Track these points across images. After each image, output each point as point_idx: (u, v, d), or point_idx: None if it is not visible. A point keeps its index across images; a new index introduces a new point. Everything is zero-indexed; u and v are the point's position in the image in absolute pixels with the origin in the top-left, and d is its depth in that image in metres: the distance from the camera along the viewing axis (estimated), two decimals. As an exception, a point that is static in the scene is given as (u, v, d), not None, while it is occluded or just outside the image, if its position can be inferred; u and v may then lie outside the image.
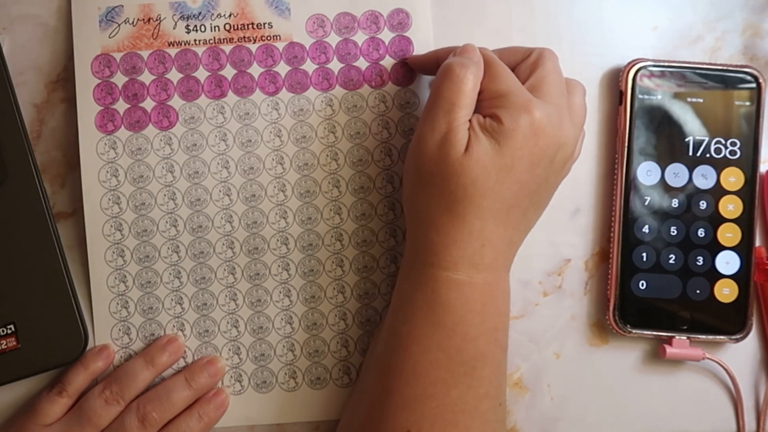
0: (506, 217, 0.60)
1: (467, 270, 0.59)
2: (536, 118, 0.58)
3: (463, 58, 0.61)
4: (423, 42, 0.71)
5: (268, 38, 0.71)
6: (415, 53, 0.71)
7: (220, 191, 0.71)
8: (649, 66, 0.69)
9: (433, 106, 0.60)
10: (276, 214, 0.71)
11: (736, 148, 0.68)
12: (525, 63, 0.64)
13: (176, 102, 0.71)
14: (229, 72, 0.71)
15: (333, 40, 0.71)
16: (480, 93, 0.61)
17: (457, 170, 0.58)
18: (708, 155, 0.68)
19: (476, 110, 0.60)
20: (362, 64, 0.71)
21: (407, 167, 0.63)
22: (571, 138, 0.61)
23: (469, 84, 0.60)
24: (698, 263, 0.68)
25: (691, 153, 0.68)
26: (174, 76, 0.71)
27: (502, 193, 0.58)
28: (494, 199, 0.58)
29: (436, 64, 0.66)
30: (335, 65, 0.71)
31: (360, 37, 0.71)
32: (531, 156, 0.58)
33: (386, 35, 0.71)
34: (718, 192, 0.68)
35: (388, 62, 0.71)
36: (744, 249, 0.69)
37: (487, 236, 0.59)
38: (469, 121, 0.60)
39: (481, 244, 0.59)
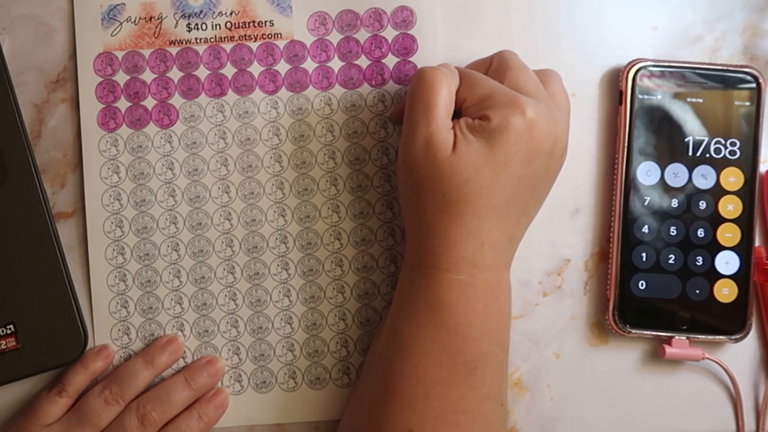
0: (506, 213, 0.59)
1: (468, 270, 0.59)
2: (527, 112, 0.58)
3: (427, 67, 0.61)
4: (428, 40, 0.71)
5: (269, 36, 0.71)
6: (419, 51, 0.71)
7: (218, 188, 0.71)
8: (649, 66, 0.69)
9: (411, 111, 0.61)
10: (274, 211, 0.71)
11: (735, 148, 0.68)
12: (490, 72, 0.64)
13: (177, 100, 0.71)
14: (229, 71, 0.71)
15: (335, 38, 0.71)
16: (464, 102, 0.61)
17: (447, 171, 0.58)
18: (708, 155, 0.68)
19: (464, 117, 0.60)
20: (363, 62, 0.71)
21: (399, 174, 0.63)
22: (564, 126, 0.61)
23: (442, 84, 0.60)
24: (698, 263, 0.68)
25: (690, 153, 0.68)
26: (175, 74, 0.71)
27: (499, 189, 0.58)
28: (491, 196, 0.58)
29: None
30: (336, 63, 0.71)
31: (362, 35, 0.71)
32: (527, 149, 0.58)
33: (389, 33, 0.71)
34: (717, 192, 0.68)
35: (390, 60, 0.71)
36: (744, 249, 0.69)
37: (487, 234, 0.59)
38: (457, 123, 0.59)
39: (481, 242, 0.59)
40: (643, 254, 0.68)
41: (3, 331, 0.68)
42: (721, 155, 0.68)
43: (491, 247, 0.59)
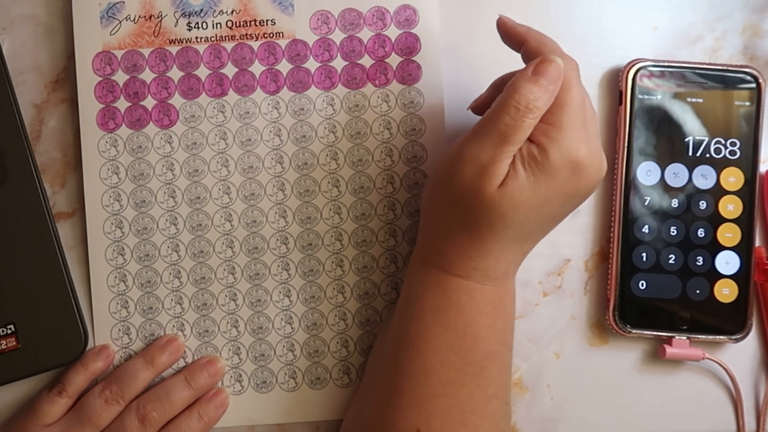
0: (527, 239, 0.60)
1: (479, 278, 0.59)
2: (582, 158, 0.56)
3: (538, 88, 0.56)
4: (430, 39, 0.71)
5: (271, 35, 0.71)
6: (422, 51, 0.71)
7: (219, 189, 0.71)
8: (649, 66, 0.69)
9: (485, 133, 0.57)
10: (275, 213, 0.71)
11: (735, 148, 0.68)
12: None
13: (177, 100, 0.71)
14: (230, 70, 0.71)
15: (337, 37, 0.71)
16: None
17: (487, 203, 0.56)
18: (708, 155, 0.68)
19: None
20: (367, 61, 0.71)
21: (435, 174, 0.61)
22: (605, 167, 0.59)
23: (531, 122, 0.56)
24: (698, 263, 0.68)
25: (690, 153, 0.68)
26: (175, 74, 0.71)
27: (529, 225, 0.58)
28: (519, 229, 0.58)
29: (520, 40, 0.62)
30: (339, 63, 0.71)
31: (365, 34, 0.71)
32: (567, 193, 0.57)
33: (392, 32, 0.71)
34: (717, 192, 0.68)
35: (393, 60, 0.71)
36: (744, 249, 0.69)
37: (504, 255, 0.59)
38: (518, 154, 0.57)
39: (497, 260, 0.59)
40: (644, 254, 0.69)
41: (3, 331, 0.68)
42: (721, 155, 0.68)
43: (505, 262, 0.60)
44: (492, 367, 0.60)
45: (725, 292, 0.68)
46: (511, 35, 0.63)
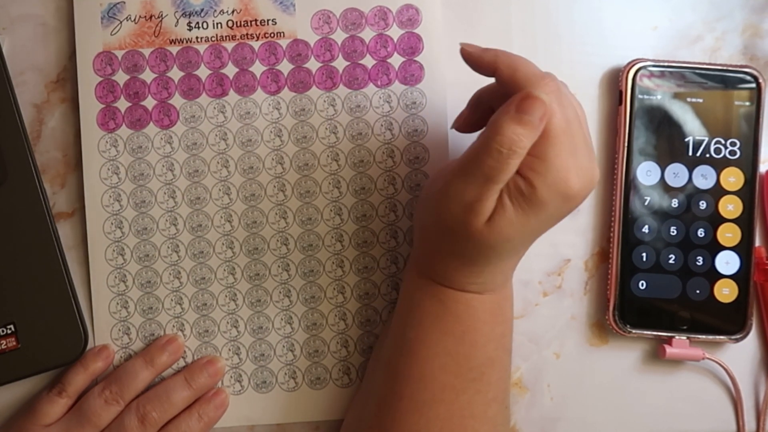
0: (518, 255, 0.60)
1: (477, 289, 0.59)
2: (571, 186, 0.54)
3: (522, 127, 0.52)
4: (433, 39, 0.71)
5: (272, 35, 0.71)
6: (425, 51, 0.71)
7: (219, 190, 0.71)
8: (649, 66, 0.69)
9: (469, 172, 0.54)
10: (276, 214, 0.71)
11: (735, 148, 0.68)
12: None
13: (177, 100, 0.71)
14: (230, 70, 0.71)
15: (339, 37, 0.71)
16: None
17: (476, 238, 0.55)
18: (708, 155, 0.68)
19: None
20: (369, 62, 0.71)
21: (425, 202, 0.60)
22: (596, 177, 0.57)
23: (516, 161, 0.53)
24: (698, 263, 0.68)
25: (690, 153, 0.68)
26: (175, 74, 0.71)
27: (522, 248, 0.58)
28: (512, 254, 0.58)
29: (491, 68, 0.58)
30: (340, 63, 0.71)
31: (367, 34, 0.71)
32: (559, 217, 0.56)
33: (395, 32, 0.71)
34: (717, 192, 0.68)
35: (395, 60, 0.71)
36: (744, 249, 0.69)
37: (500, 269, 0.59)
38: (505, 189, 0.54)
39: (493, 275, 0.59)
40: (644, 254, 0.69)
41: (3, 331, 0.68)
42: (721, 155, 0.68)
43: (501, 275, 0.60)
44: (491, 372, 0.60)
45: (725, 292, 0.68)
46: (480, 64, 0.59)
